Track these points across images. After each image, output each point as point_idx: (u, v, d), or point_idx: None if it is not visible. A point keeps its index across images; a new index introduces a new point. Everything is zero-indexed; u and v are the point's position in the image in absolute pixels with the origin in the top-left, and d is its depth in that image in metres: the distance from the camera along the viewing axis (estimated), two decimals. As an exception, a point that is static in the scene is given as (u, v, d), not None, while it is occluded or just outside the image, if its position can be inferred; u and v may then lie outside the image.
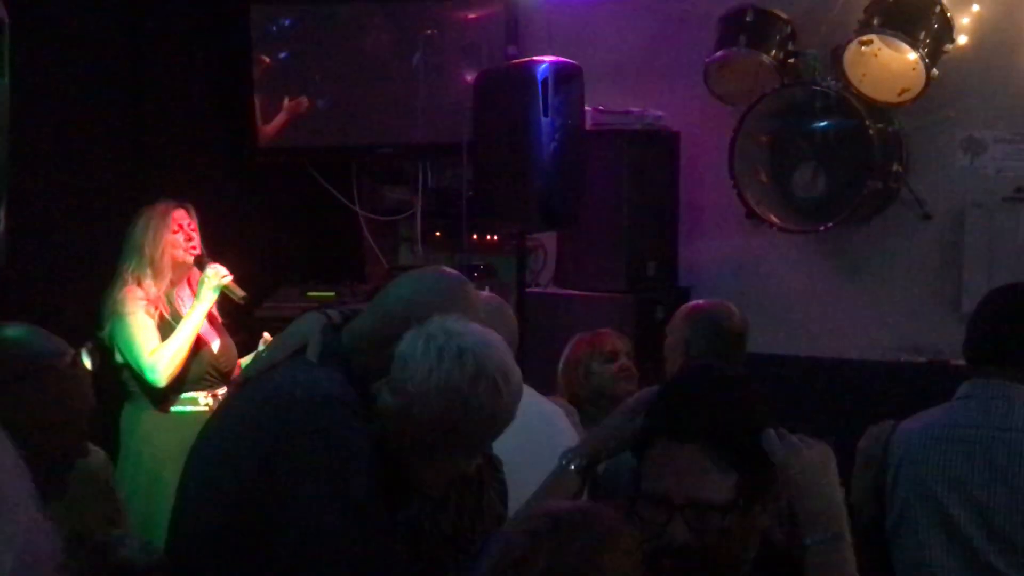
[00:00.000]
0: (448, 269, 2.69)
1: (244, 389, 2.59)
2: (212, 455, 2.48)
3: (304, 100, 5.98)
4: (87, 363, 2.56)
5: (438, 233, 6.24)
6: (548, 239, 5.90)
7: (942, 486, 3.01)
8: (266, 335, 4.59)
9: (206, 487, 2.46)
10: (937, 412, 3.14)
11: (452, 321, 2.37)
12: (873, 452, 3.16)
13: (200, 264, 4.55)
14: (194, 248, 4.53)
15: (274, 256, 5.84)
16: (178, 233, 4.49)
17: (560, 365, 4.19)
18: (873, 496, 3.14)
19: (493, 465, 2.66)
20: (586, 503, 2.11)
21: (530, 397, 2.75)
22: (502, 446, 2.60)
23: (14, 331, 2.33)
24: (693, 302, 4.06)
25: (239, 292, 4.61)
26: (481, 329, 2.39)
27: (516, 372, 2.38)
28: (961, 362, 3.27)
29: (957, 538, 2.99)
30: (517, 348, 2.64)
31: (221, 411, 2.59)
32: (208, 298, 4.49)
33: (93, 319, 4.45)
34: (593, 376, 4.08)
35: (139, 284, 4.40)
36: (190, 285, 4.60)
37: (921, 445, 3.07)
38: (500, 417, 2.36)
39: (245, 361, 4.62)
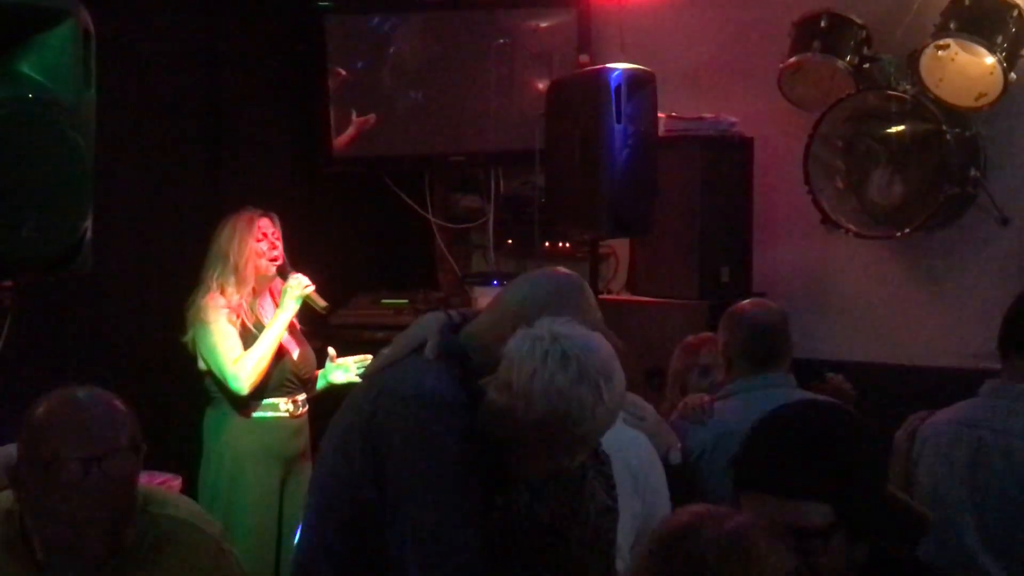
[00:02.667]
0: (563, 270, 2.71)
1: (364, 384, 2.72)
2: (334, 443, 2.63)
3: (372, 117, 6.03)
4: None
5: (510, 240, 6.26)
6: (620, 246, 5.90)
7: (940, 484, 3.09)
8: (331, 350, 4.67)
9: (328, 474, 2.64)
10: (957, 408, 3.21)
11: (559, 324, 2.44)
12: (902, 442, 3.23)
13: (283, 273, 4.62)
14: (277, 257, 4.61)
15: (348, 264, 5.90)
16: (262, 242, 4.56)
17: (668, 372, 4.17)
18: (903, 484, 3.19)
19: (599, 459, 2.70)
20: None
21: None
22: None
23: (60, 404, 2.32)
24: (735, 305, 3.94)
25: (321, 302, 4.68)
26: (587, 333, 2.44)
27: (619, 375, 2.43)
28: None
29: (954, 537, 3.03)
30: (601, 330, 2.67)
31: (343, 405, 2.69)
32: (291, 307, 4.56)
33: (176, 324, 4.53)
34: (690, 391, 4.00)
35: (223, 291, 4.48)
36: (271, 294, 4.67)
37: (932, 442, 3.16)
38: (601, 419, 2.41)
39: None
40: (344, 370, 4.70)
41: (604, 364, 2.39)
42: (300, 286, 4.59)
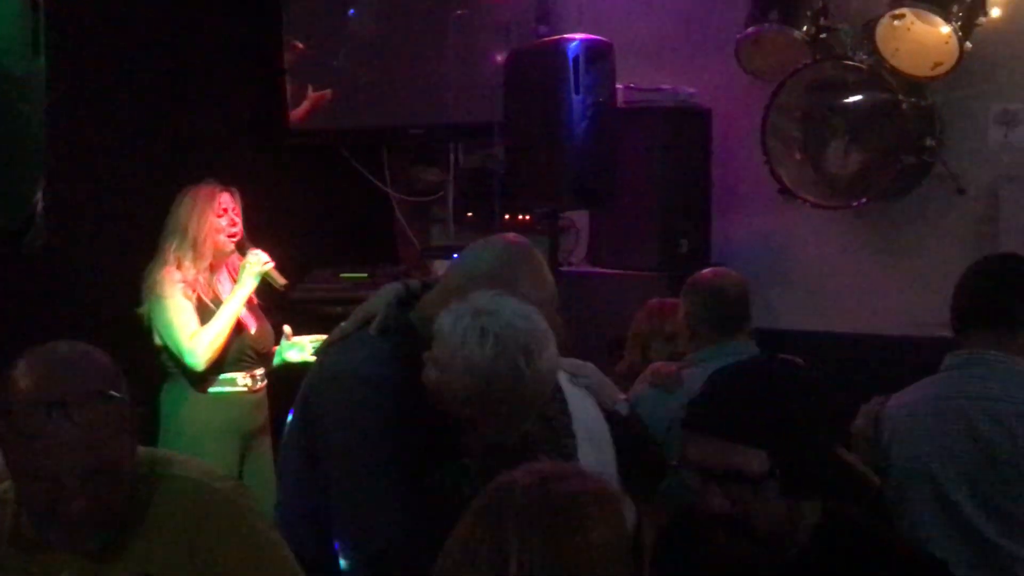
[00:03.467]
0: (513, 237, 2.72)
1: (317, 360, 2.78)
2: (291, 426, 2.71)
3: (328, 92, 5.99)
4: None
5: (470, 213, 6.23)
6: (581, 218, 5.89)
7: (931, 461, 3.05)
8: (286, 328, 4.66)
9: (286, 455, 2.74)
10: (923, 385, 3.19)
11: (485, 299, 2.44)
12: (864, 431, 3.20)
13: (241, 249, 4.59)
14: (236, 233, 4.58)
15: (306, 238, 5.86)
16: (222, 217, 4.54)
17: (628, 333, 4.16)
18: (872, 471, 3.18)
19: (552, 429, 2.69)
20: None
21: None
22: None
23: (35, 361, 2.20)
24: (696, 274, 3.97)
25: (280, 280, 4.66)
26: (513, 309, 2.43)
27: (545, 351, 2.42)
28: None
29: (949, 511, 3.01)
30: (553, 300, 2.65)
31: (306, 380, 2.73)
32: (249, 284, 4.54)
33: (131, 296, 4.50)
34: (652, 356, 4.03)
35: (179, 265, 4.45)
36: (229, 269, 4.64)
37: (908, 422, 3.12)
38: (524, 395, 2.42)
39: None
40: (299, 348, 4.69)
41: (525, 340, 2.38)
42: (259, 263, 4.57)
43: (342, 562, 2.55)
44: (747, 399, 2.12)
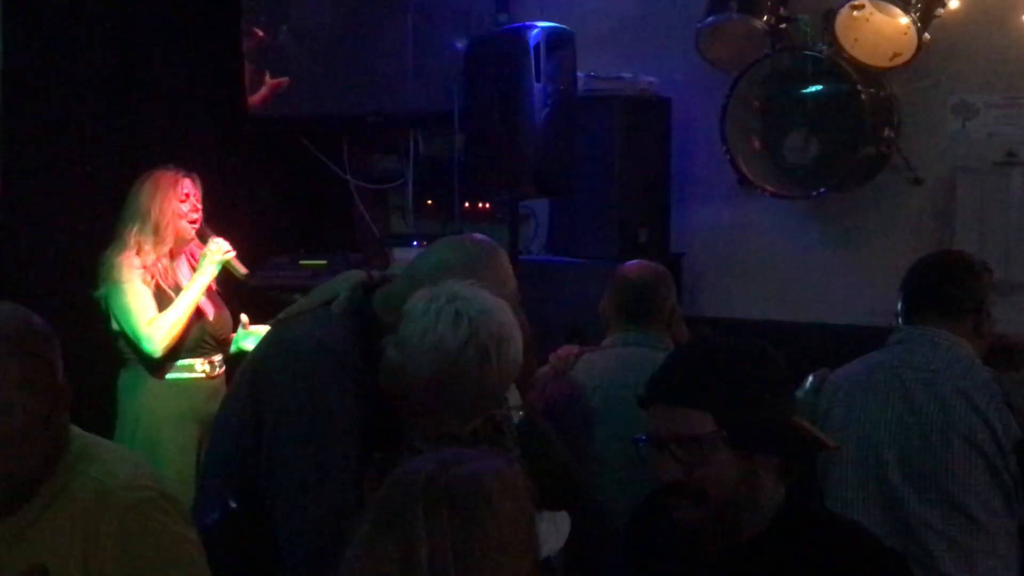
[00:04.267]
0: (479, 237, 2.74)
1: (270, 332, 2.73)
2: (233, 389, 2.66)
3: (285, 80, 5.94)
4: None
5: (429, 202, 6.22)
6: (540, 207, 5.89)
7: (865, 422, 3.17)
8: (243, 317, 4.63)
9: (224, 418, 2.66)
10: (866, 357, 3.33)
11: (460, 286, 2.44)
12: (806, 399, 3.31)
13: (201, 236, 4.56)
14: (197, 220, 4.55)
15: (264, 225, 5.82)
16: (184, 203, 4.50)
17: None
18: None
19: (499, 430, 2.70)
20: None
21: None
22: None
23: None
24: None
25: (241, 269, 4.64)
26: (487, 297, 2.43)
27: (514, 344, 2.42)
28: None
29: (874, 472, 3.12)
30: (515, 300, 2.66)
31: (252, 351, 2.72)
32: (209, 272, 4.51)
33: (87, 281, 4.45)
34: None
35: (140, 249, 4.40)
36: (188, 257, 4.61)
37: (847, 386, 3.26)
38: (489, 384, 2.41)
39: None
40: (256, 338, 4.65)
41: (498, 329, 2.39)
42: (220, 251, 4.54)
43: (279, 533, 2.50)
44: (689, 366, 2.24)
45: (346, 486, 2.43)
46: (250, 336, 4.66)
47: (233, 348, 4.71)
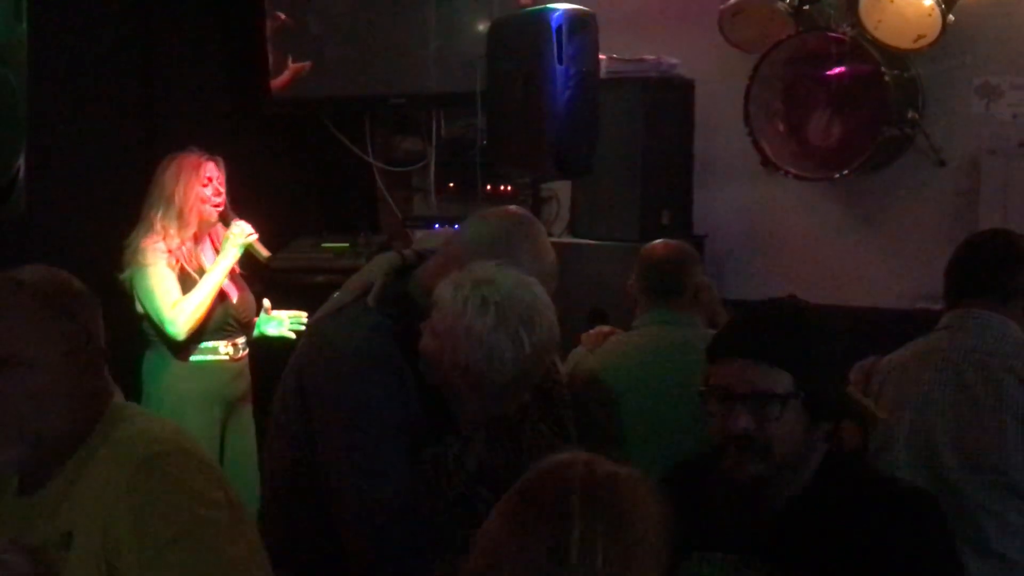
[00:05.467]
0: (514, 209, 2.74)
1: (309, 331, 2.74)
2: (281, 394, 2.66)
3: (307, 64, 5.95)
4: None
5: (452, 183, 6.22)
6: (562, 188, 5.89)
7: (917, 409, 3.17)
8: (266, 302, 4.65)
9: (279, 421, 2.67)
10: (915, 343, 3.34)
11: (487, 269, 2.43)
12: (856, 383, 3.33)
13: (224, 219, 4.58)
14: (221, 203, 4.57)
15: (288, 207, 5.84)
16: (207, 187, 4.52)
17: None
18: None
19: (552, 401, 2.69)
20: None
21: None
22: None
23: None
24: None
25: (264, 251, 4.66)
26: (515, 279, 2.42)
27: (545, 322, 2.41)
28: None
29: (927, 458, 3.13)
30: (553, 272, 2.67)
31: (294, 352, 2.71)
32: (232, 254, 4.53)
33: (112, 262, 4.48)
34: None
35: (165, 233, 4.43)
36: (212, 239, 4.63)
37: (897, 372, 3.28)
38: (524, 366, 2.40)
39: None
40: (278, 323, 4.69)
41: (526, 311, 2.38)
42: (243, 234, 4.57)
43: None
44: (774, 324, 2.29)
45: (396, 490, 2.44)
46: (272, 321, 4.68)
47: (256, 332, 4.73)
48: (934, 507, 2.31)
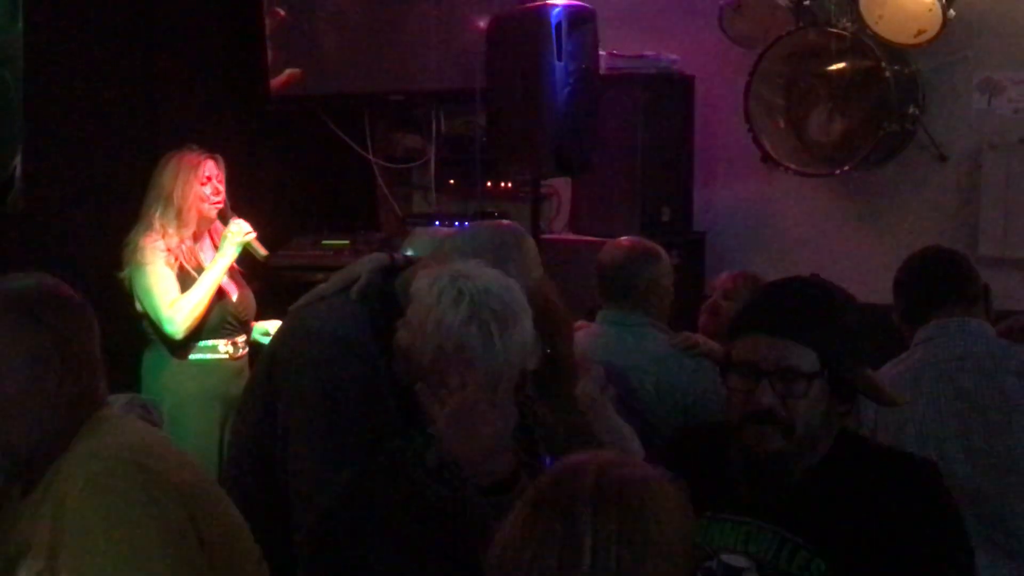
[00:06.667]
0: (505, 223, 2.75)
1: (287, 317, 2.74)
2: (252, 378, 2.72)
3: (307, 61, 5.94)
4: None
5: (452, 180, 6.22)
6: (562, 185, 5.88)
7: (920, 425, 3.16)
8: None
9: (245, 403, 2.72)
10: (901, 359, 3.34)
11: (468, 265, 2.41)
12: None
13: (223, 218, 4.57)
14: (220, 201, 4.56)
15: (288, 205, 5.84)
16: (206, 185, 4.51)
17: None
18: None
19: (527, 405, 2.68)
20: None
21: None
22: None
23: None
24: None
25: (262, 250, 4.65)
26: (495, 276, 2.39)
27: (520, 323, 2.36)
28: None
29: (944, 467, 3.05)
30: (541, 287, 2.67)
31: (271, 339, 2.75)
32: (230, 253, 4.52)
33: (110, 261, 4.47)
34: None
35: (164, 232, 4.43)
36: (212, 238, 4.62)
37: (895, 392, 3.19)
38: (493, 363, 2.34)
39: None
40: (265, 335, 4.73)
41: (502, 308, 2.34)
42: (241, 232, 4.55)
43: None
44: (801, 301, 2.28)
45: (355, 472, 2.43)
46: (267, 333, 4.71)
47: (253, 335, 4.74)
48: (937, 473, 2.32)
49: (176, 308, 4.39)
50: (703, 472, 2.25)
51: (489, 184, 5.98)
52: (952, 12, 4.95)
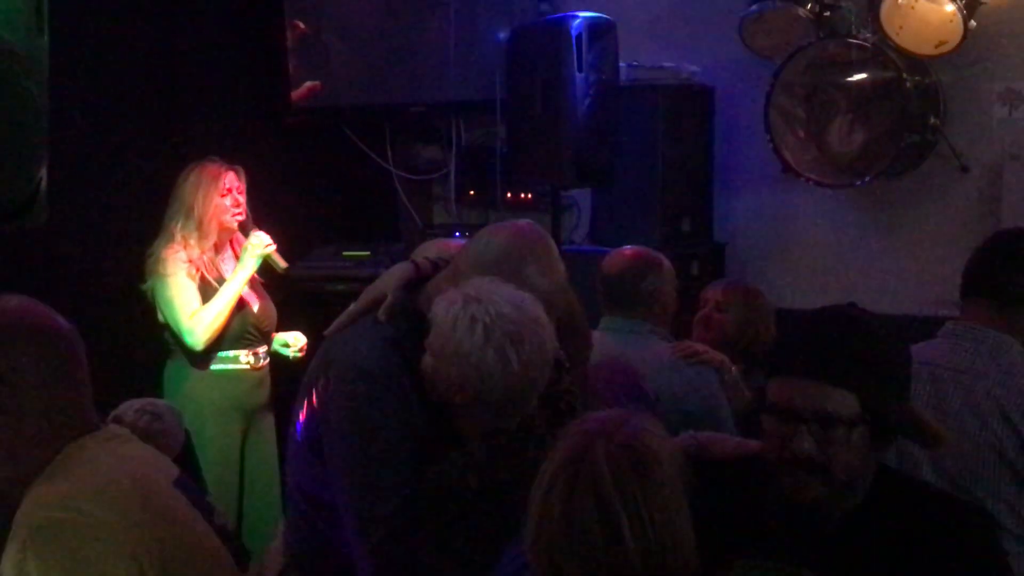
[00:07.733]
0: (524, 223, 2.68)
1: (324, 345, 2.71)
2: (295, 410, 2.67)
3: (328, 73, 5.97)
4: None
5: (472, 192, 6.23)
6: (582, 196, 5.89)
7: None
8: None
9: (292, 441, 2.70)
10: (916, 348, 3.20)
11: (480, 286, 2.43)
12: None
13: (244, 229, 4.59)
14: (241, 212, 4.58)
15: (308, 216, 5.85)
16: (227, 197, 4.53)
17: None
18: None
19: (559, 412, 2.69)
20: None
21: None
22: None
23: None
24: None
25: (281, 263, 4.67)
26: (506, 295, 2.41)
27: (533, 339, 2.39)
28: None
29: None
30: (563, 288, 2.67)
31: (309, 365, 2.72)
32: (250, 265, 4.54)
33: (134, 272, 4.50)
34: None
35: (185, 243, 4.45)
36: (234, 249, 4.64)
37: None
38: (513, 384, 2.39)
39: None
40: (285, 346, 4.75)
41: (514, 329, 2.37)
42: (261, 245, 4.57)
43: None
44: (837, 342, 2.12)
45: (403, 499, 2.46)
46: (286, 345, 4.74)
47: (273, 346, 4.76)
48: (990, 523, 2.25)
49: (197, 319, 4.41)
50: (735, 513, 2.18)
51: (509, 195, 6.00)
52: (973, 23, 4.94)
